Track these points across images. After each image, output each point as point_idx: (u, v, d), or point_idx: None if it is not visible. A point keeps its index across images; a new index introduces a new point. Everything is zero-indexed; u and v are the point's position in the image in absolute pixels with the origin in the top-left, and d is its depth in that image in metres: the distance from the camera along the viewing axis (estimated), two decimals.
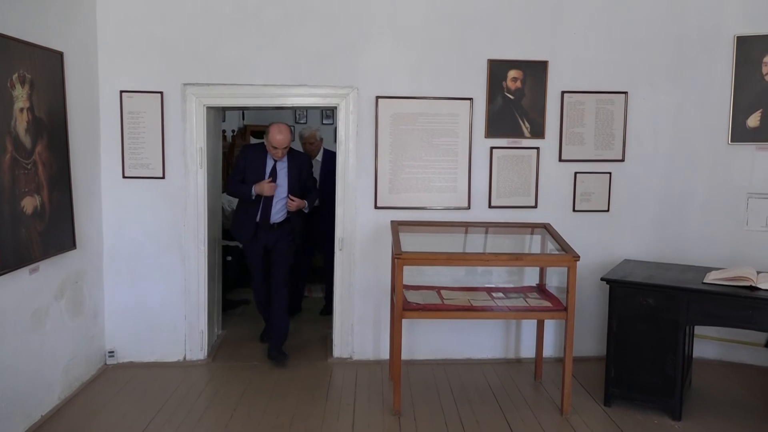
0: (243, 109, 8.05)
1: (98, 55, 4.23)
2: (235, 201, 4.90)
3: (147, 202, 4.38)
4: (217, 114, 4.82)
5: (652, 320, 3.69)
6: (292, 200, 4.38)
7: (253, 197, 4.38)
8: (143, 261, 4.41)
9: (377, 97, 4.40)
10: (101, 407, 3.79)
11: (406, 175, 4.46)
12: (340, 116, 4.45)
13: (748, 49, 4.40)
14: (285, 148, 4.34)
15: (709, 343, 4.63)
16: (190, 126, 4.36)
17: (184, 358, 4.51)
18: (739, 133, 4.47)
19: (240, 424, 3.58)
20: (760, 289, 3.47)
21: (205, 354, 4.56)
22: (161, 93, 4.30)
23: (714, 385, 4.25)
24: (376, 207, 4.47)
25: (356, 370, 4.45)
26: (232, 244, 5.80)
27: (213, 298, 4.75)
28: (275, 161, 4.41)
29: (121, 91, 4.27)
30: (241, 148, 4.82)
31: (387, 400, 3.90)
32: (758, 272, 3.72)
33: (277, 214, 4.46)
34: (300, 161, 4.54)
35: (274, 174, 4.42)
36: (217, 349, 4.77)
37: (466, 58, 4.42)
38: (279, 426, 3.56)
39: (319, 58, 4.36)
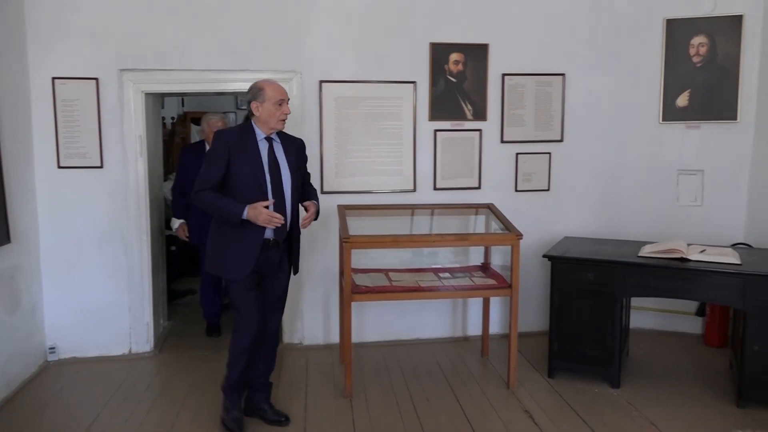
0: (182, 95, 7.85)
1: (27, 41, 4.05)
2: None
3: (85, 192, 4.24)
4: (156, 100, 4.69)
5: (591, 294, 3.84)
6: (306, 208, 3.32)
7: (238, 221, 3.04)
8: (84, 253, 4.28)
9: (321, 81, 4.38)
10: (44, 405, 3.67)
11: (351, 159, 4.47)
12: None
13: (676, 31, 4.59)
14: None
15: (646, 314, 4.85)
16: (128, 113, 4.24)
17: (130, 351, 4.42)
18: (670, 113, 4.68)
19: (189, 416, 3.54)
20: (691, 260, 3.66)
21: (152, 346, 4.47)
22: (96, 79, 4.15)
23: (650, 353, 4.47)
24: (322, 192, 4.45)
25: (307, 355, 4.46)
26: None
27: (158, 289, 4.66)
28: (271, 141, 3.19)
29: (54, 78, 4.11)
30: (215, 132, 3.14)
31: (338, 384, 3.94)
32: (688, 244, 3.93)
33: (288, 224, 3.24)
34: (297, 145, 3.36)
35: (275, 165, 3.16)
36: (163, 340, 4.69)
37: (408, 42, 4.45)
38: None
39: (261, 43, 4.30)
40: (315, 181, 4.39)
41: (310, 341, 4.62)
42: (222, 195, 3.06)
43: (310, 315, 4.60)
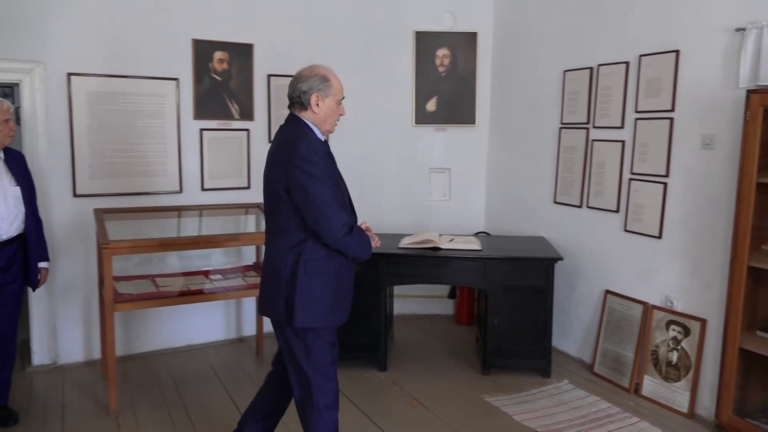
0: None
1: None
2: None
3: None
4: None
5: (357, 285, 4.05)
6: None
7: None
8: None
9: (69, 74, 3.99)
10: None
11: (108, 159, 4.16)
12: (24, 95, 3.93)
13: (424, 43, 5.08)
14: None
15: (408, 300, 5.29)
16: None
17: None
18: (421, 116, 5.16)
19: None
20: (442, 248, 4.10)
21: None
22: None
23: (411, 335, 4.89)
24: (75, 195, 4.08)
25: (63, 375, 4.05)
26: None
27: None
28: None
29: None
30: (309, 144, 2.40)
31: (102, 402, 3.65)
32: (440, 235, 4.38)
33: None
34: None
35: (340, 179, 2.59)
36: None
37: (170, 36, 4.27)
38: None
39: None
40: (65, 184, 4.06)
41: (67, 359, 4.19)
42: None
43: (66, 331, 4.17)
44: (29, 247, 3.30)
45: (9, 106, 3.17)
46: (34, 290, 3.52)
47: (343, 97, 2.60)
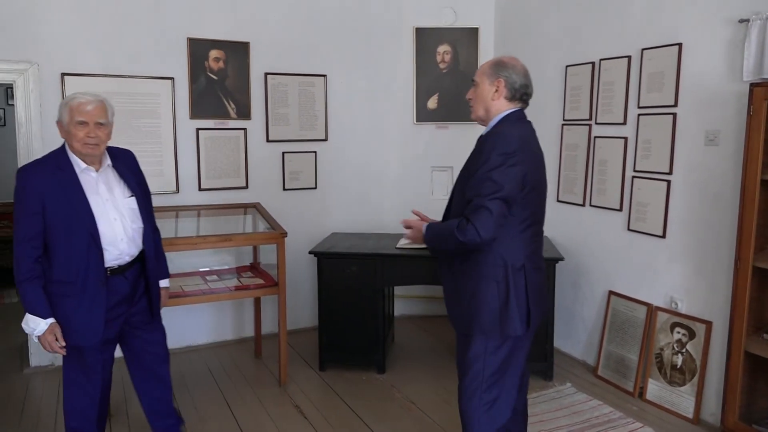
0: None
1: None
2: None
3: None
4: None
5: (356, 286, 4.01)
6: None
7: None
8: None
9: (63, 74, 3.97)
10: None
11: None
12: (18, 95, 3.92)
13: (425, 39, 5.00)
14: None
15: (412, 301, 5.21)
16: None
17: None
18: (422, 114, 5.08)
19: None
20: None
21: None
22: None
23: (412, 337, 4.81)
24: None
25: (60, 376, 4.02)
26: None
27: None
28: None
29: None
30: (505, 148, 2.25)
31: None
32: None
33: None
34: None
35: None
36: None
37: (164, 35, 4.23)
38: None
39: None
40: None
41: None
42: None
43: None
44: (148, 265, 2.72)
45: (84, 103, 2.60)
46: (153, 316, 2.80)
47: None
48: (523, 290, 2.28)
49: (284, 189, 4.73)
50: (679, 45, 3.46)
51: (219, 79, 4.41)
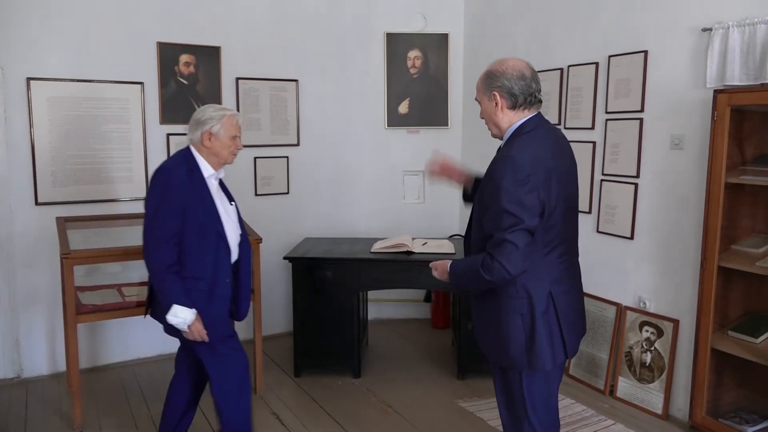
0: None
1: None
2: None
3: None
4: None
5: (330, 291, 4.01)
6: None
7: None
8: None
9: (28, 79, 3.87)
10: None
11: (71, 166, 4.04)
12: None
13: (395, 44, 5.03)
14: None
15: (385, 305, 5.24)
16: None
17: None
18: (393, 119, 5.11)
19: None
20: (415, 252, 4.05)
21: None
22: None
23: (387, 340, 4.84)
24: (37, 203, 3.96)
25: (27, 388, 3.92)
26: None
27: None
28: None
29: None
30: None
31: (67, 416, 3.54)
32: (413, 238, 4.34)
33: None
34: None
35: None
36: None
37: (133, 40, 4.17)
38: None
39: None
40: (26, 192, 3.94)
41: (32, 373, 4.07)
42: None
43: (30, 343, 4.05)
44: (241, 269, 2.82)
45: (239, 119, 2.81)
46: (240, 320, 2.98)
47: None
48: (555, 320, 2.11)
49: (256, 194, 4.71)
50: (645, 52, 3.57)
51: (189, 83, 4.36)
